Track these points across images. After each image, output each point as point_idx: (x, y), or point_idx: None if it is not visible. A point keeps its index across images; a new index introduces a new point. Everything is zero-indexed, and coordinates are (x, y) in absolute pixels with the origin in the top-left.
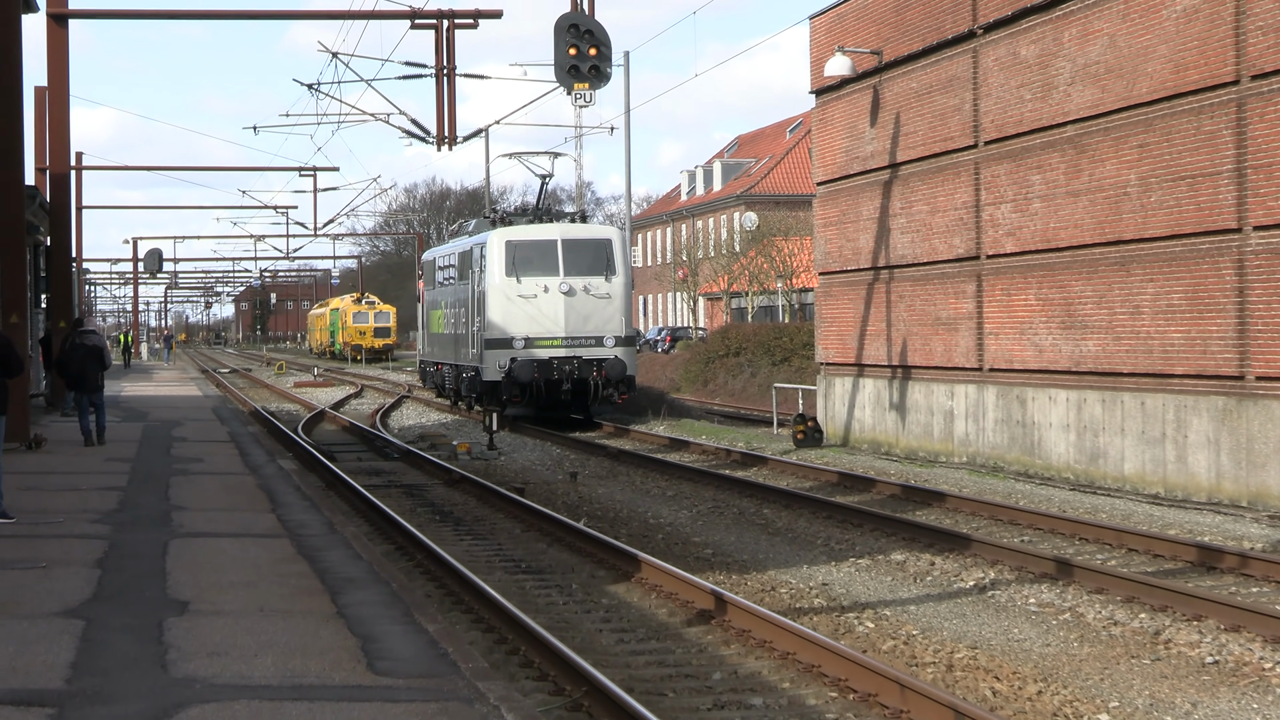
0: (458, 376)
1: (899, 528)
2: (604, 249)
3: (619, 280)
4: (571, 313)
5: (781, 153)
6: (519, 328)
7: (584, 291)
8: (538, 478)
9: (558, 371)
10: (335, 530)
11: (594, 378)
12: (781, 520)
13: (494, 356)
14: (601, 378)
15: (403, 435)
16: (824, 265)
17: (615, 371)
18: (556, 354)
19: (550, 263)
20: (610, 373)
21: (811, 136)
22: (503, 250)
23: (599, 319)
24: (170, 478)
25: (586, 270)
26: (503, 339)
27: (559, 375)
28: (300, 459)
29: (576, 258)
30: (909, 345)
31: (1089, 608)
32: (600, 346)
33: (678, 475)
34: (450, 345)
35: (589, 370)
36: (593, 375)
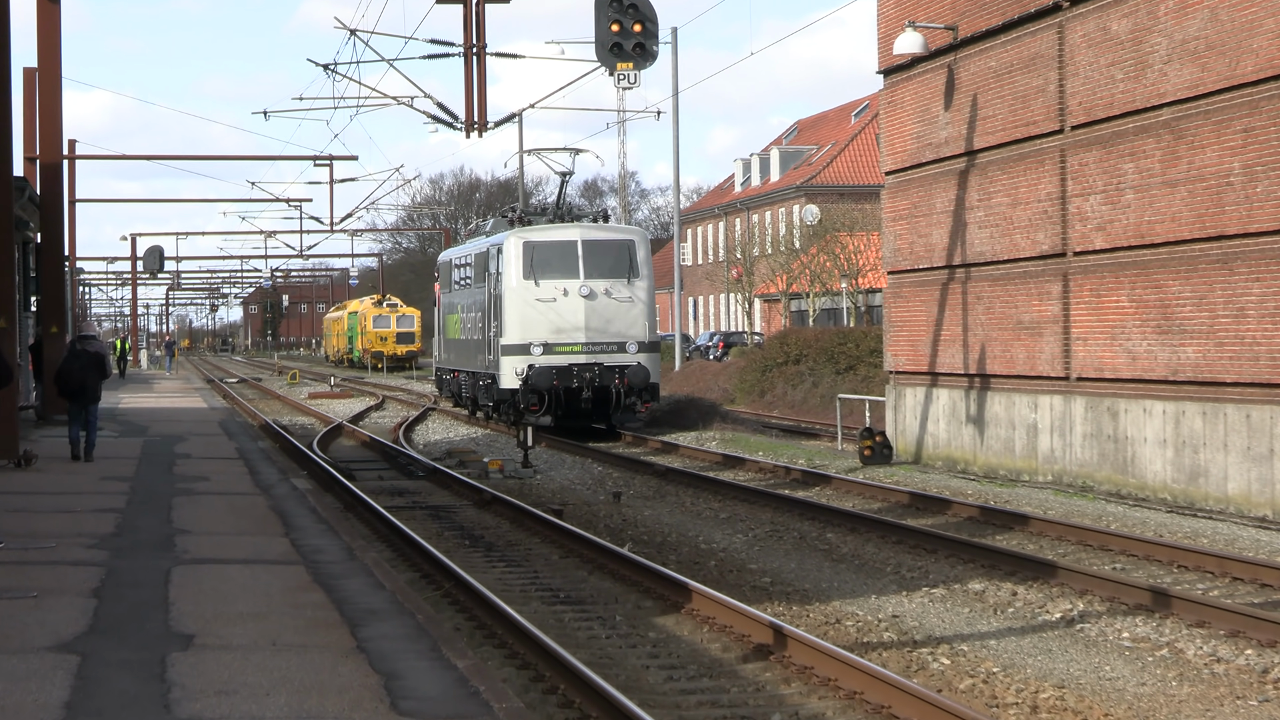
0: (474, 384)
1: (977, 554)
2: (626, 250)
3: (642, 283)
4: (592, 317)
5: (846, 139)
6: (537, 333)
7: (605, 295)
8: (577, 498)
9: (577, 379)
10: (355, 556)
11: (615, 385)
12: (847, 545)
13: (510, 363)
14: (623, 386)
15: (428, 452)
16: (893, 263)
17: (638, 379)
18: (576, 360)
19: (570, 265)
20: (633, 380)
21: (879, 121)
22: (520, 252)
23: (621, 324)
24: (173, 498)
25: (608, 273)
26: (520, 345)
27: (579, 383)
28: (316, 478)
29: (597, 259)
30: (988, 352)
31: (1189, 643)
32: (622, 353)
33: (732, 496)
34: (466, 351)
35: (610, 378)
36: (614, 383)
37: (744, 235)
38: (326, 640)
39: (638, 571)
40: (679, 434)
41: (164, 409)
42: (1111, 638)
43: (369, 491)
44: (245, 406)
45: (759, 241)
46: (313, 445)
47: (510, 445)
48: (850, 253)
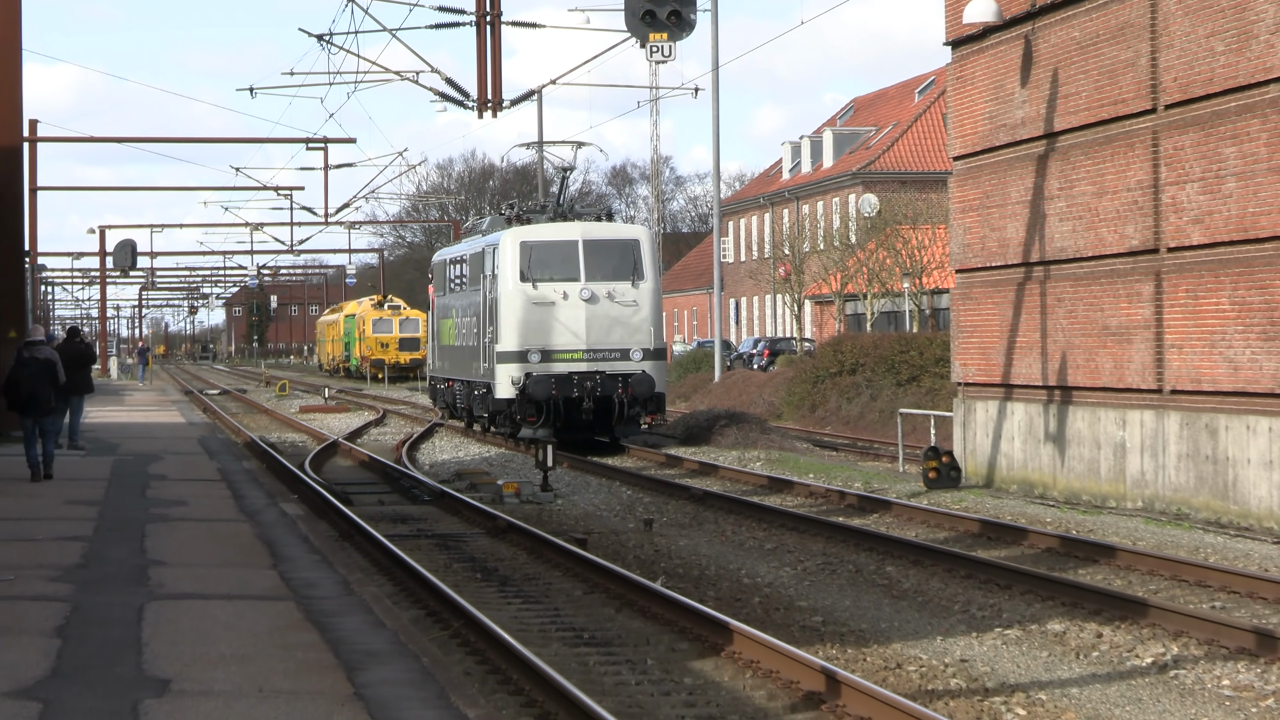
0: (469, 394)
1: (1057, 590)
2: (631, 250)
3: (648, 286)
4: (594, 322)
5: (908, 120)
6: (535, 339)
7: (608, 298)
8: (604, 526)
9: (578, 388)
10: (352, 591)
11: (618, 395)
12: (909, 580)
13: (506, 371)
14: (627, 395)
15: (435, 473)
16: (962, 260)
17: (642, 389)
18: (576, 368)
19: (570, 266)
20: (637, 390)
21: (946, 99)
22: (517, 252)
23: (625, 329)
24: (146, 525)
25: (611, 274)
26: (517, 351)
27: (579, 392)
28: (308, 502)
29: (600, 260)
30: (1069, 361)
31: None
32: (626, 360)
33: (778, 523)
34: (461, 359)
35: (613, 387)
36: (617, 392)
37: (793, 228)
38: (320, 686)
39: (672, 609)
40: (718, 453)
41: (136, 424)
42: (1210, 685)
43: (368, 518)
44: (228, 421)
45: (810, 235)
46: (304, 466)
47: (527, 466)
48: (913, 248)
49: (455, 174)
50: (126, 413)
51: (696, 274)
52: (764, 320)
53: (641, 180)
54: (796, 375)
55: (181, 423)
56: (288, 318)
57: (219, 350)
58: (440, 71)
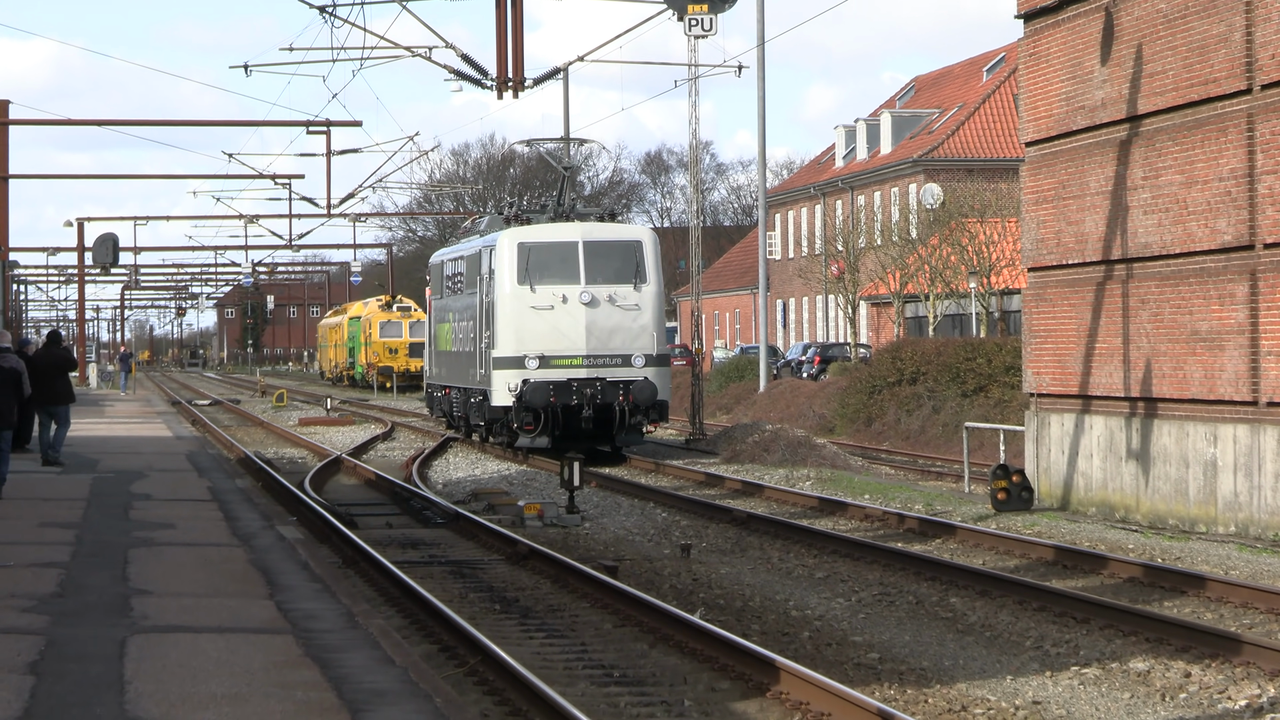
0: (466, 402)
1: (1140, 624)
2: (633, 252)
3: (650, 289)
4: (594, 327)
5: (975, 101)
6: (533, 344)
7: (608, 302)
8: (636, 552)
9: (577, 395)
10: (357, 624)
11: (619, 403)
12: (976, 613)
13: (503, 378)
14: (628, 403)
15: (449, 493)
16: (1035, 258)
17: (644, 396)
18: (576, 375)
19: (570, 268)
20: (638, 397)
21: (1017, 79)
22: (514, 253)
23: (626, 334)
24: (129, 550)
25: (613, 277)
26: (514, 357)
27: (578, 400)
28: (308, 525)
29: (601, 262)
30: (1154, 369)
31: None
32: (627, 366)
33: (830, 549)
34: (458, 365)
35: (614, 394)
36: (618, 400)
37: (846, 221)
38: None
39: (712, 644)
40: (763, 472)
41: (118, 438)
42: None
43: (374, 543)
44: (220, 435)
45: (866, 229)
46: (304, 484)
47: (551, 485)
48: (980, 244)
49: (472, 161)
50: (107, 425)
51: (740, 272)
52: (814, 324)
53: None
54: (850, 385)
55: (168, 436)
56: (286, 320)
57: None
58: (455, 47)
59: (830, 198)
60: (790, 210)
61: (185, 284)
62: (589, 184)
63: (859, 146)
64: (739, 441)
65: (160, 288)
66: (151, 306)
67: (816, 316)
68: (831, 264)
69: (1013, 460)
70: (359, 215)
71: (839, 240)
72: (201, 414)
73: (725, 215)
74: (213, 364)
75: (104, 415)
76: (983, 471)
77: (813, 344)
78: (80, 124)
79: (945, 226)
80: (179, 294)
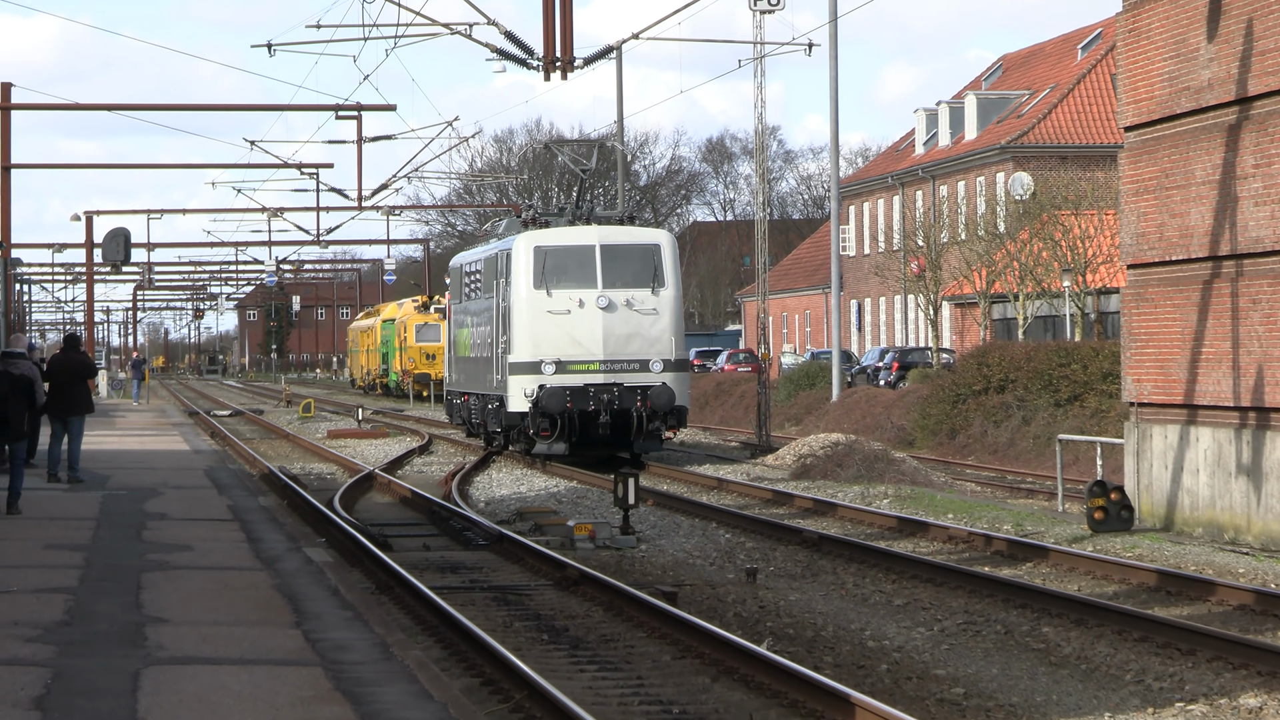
0: (484, 408)
1: (1252, 656)
2: (651, 256)
3: (668, 293)
4: (611, 331)
5: (1069, 82)
6: (549, 349)
7: (626, 306)
8: (697, 576)
9: (594, 401)
10: (391, 655)
11: (637, 408)
12: (1070, 644)
13: (519, 383)
14: (646, 409)
15: (492, 512)
16: (1136, 254)
17: (662, 401)
18: (593, 380)
19: (587, 272)
20: (656, 403)
21: (1115, 57)
22: (530, 257)
23: (644, 339)
24: (143, 574)
25: (630, 281)
26: (530, 362)
27: (595, 405)
28: (338, 547)
29: (618, 266)
30: (1267, 376)
31: None
32: (645, 372)
33: (910, 574)
34: (476, 371)
35: (631, 400)
36: (635, 405)
37: (928, 214)
38: None
39: (780, 678)
40: (836, 489)
41: (131, 452)
42: None
43: (411, 566)
44: (241, 449)
45: (949, 223)
46: (334, 503)
47: (604, 503)
48: (1075, 239)
49: (516, 148)
50: (118, 438)
51: (810, 270)
52: (892, 327)
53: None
54: (932, 394)
55: (185, 450)
56: (313, 323)
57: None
58: (498, 24)
59: (909, 188)
60: (865, 202)
61: (203, 283)
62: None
63: (941, 132)
64: (809, 456)
65: (176, 288)
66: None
67: (894, 318)
68: (911, 261)
69: (1111, 476)
70: (393, 208)
71: (919, 235)
72: (221, 426)
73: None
74: (233, 371)
75: (115, 427)
76: (1078, 488)
77: (890, 348)
78: (88, 109)
79: (1036, 219)
80: (196, 294)
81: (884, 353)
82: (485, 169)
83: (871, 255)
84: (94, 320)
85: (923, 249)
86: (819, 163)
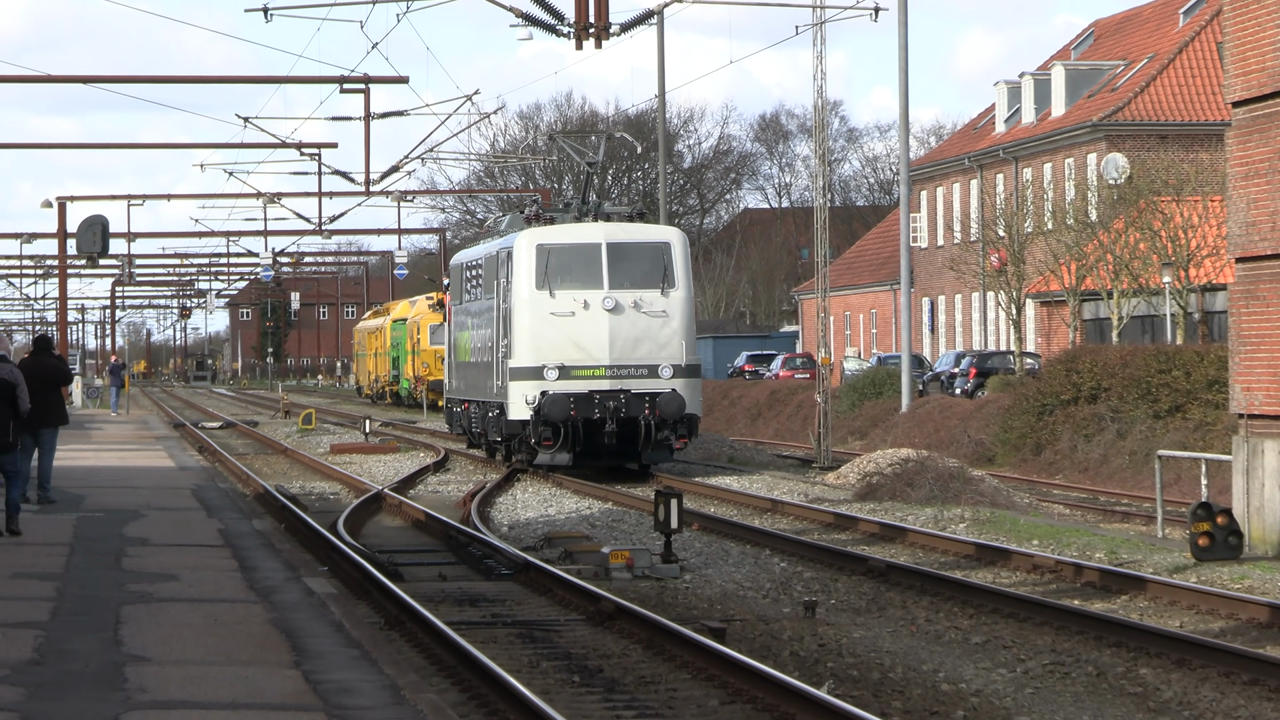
0: (484, 417)
1: None
2: (661, 255)
3: (679, 294)
4: (618, 335)
5: (1169, 51)
6: (552, 353)
7: (634, 308)
8: (748, 610)
9: (599, 408)
10: (403, 699)
11: (645, 416)
12: (1171, 687)
13: (520, 390)
14: (655, 417)
15: (517, 537)
16: (1246, 245)
17: (671, 409)
18: (598, 386)
19: (592, 272)
20: (664, 411)
21: (1222, 23)
22: (533, 256)
23: (652, 343)
24: (122, 607)
25: (639, 281)
26: (532, 368)
27: (601, 413)
28: (342, 576)
29: (625, 266)
30: None
31: None
32: (654, 378)
33: (990, 608)
34: (477, 377)
35: (639, 407)
36: (643, 413)
37: (1009, 200)
38: None
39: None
40: (906, 511)
41: (108, 469)
42: None
43: (425, 598)
44: (234, 466)
45: (1033, 210)
46: (337, 526)
47: (642, 528)
48: (1176, 228)
49: (544, 125)
50: (95, 453)
51: (876, 264)
52: (968, 328)
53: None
54: (1015, 404)
55: (170, 467)
56: (314, 323)
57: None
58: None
59: (989, 170)
60: (939, 186)
61: (191, 279)
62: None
63: (1025, 107)
64: (875, 474)
65: (160, 283)
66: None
67: (972, 318)
68: (990, 253)
69: (1217, 497)
70: (405, 193)
71: (999, 223)
72: (211, 439)
73: (858, 193)
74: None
75: (91, 440)
76: (1180, 511)
77: (967, 352)
78: (63, 81)
79: (1133, 207)
80: (182, 291)
81: (960, 357)
82: (509, 149)
83: (946, 247)
84: (67, 320)
85: (1004, 240)
86: (886, 142)
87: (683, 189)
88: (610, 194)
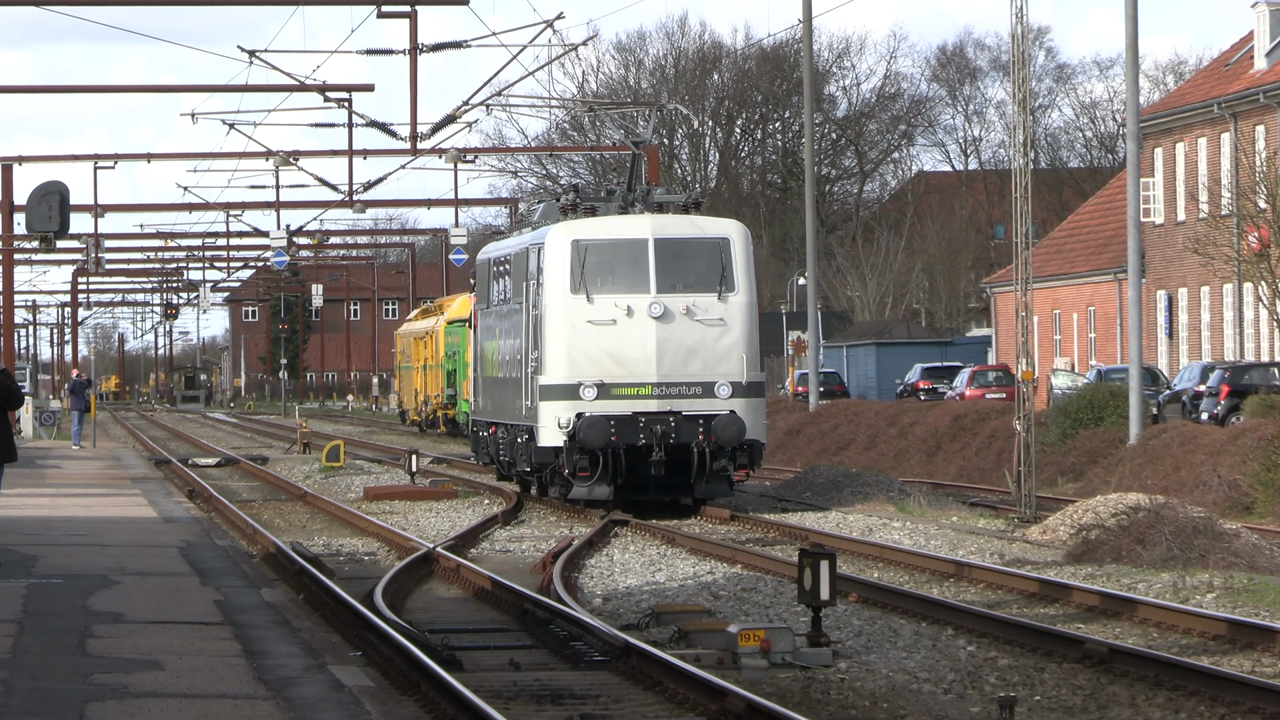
0: (512, 442)
1: None
2: (718, 252)
3: (739, 299)
4: (667, 347)
5: None
6: (589, 369)
7: (685, 315)
8: (924, 710)
9: (645, 433)
10: None
11: (698, 443)
12: None
13: (551, 411)
14: (710, 444)
15: (614, 610)
16: None
17: (729, 434)
18: (644, 408)
19: (638, 273)
20: (721, 436)
21: None
22: (567, 254)
23: (708, 356)
24: (87, 705)
25: (692, 284)
26: (566, 385)
27: (647, 439)
28: (381, 664)
29: (676, 265)
30: None
31: None
32: (709, 398)
33: (1248, 705)
34: (504, 395)
35: (691, 432)
36: (697, 439)
37: (1273, 160)
38: None
39: None
40: (1135, 577)
41: (70, 520)
42: None
43: (493, 694)
44: (235, 516)
45: None
46: (374, 597)
47: (781, 598)
48: None
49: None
50: (50, 499)
51: (1096, 246)
52: (1219, 331)
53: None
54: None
55: (151, 518)
56: (342, 325)
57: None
58: None
59: (1245, 121)
60: (1179, 142)
61: (178, 266)
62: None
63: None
64: (1094, 527)
65: (137, 272)
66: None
67: (1223, 319)
68: (1248, 231)
69: None
70: (464, 151)
71: (1260, 191)
72: (205, 481)
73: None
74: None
75: (45, 481)
76: None
77: (1217, 364)
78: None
79: None
80: (167, 283)
81: (1207, 370)
82: (603, 93)
83: (1188, 223)
84: (14, 321)
85: (1265, 214)
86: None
87: (835, 145)
88: (739, 151)
